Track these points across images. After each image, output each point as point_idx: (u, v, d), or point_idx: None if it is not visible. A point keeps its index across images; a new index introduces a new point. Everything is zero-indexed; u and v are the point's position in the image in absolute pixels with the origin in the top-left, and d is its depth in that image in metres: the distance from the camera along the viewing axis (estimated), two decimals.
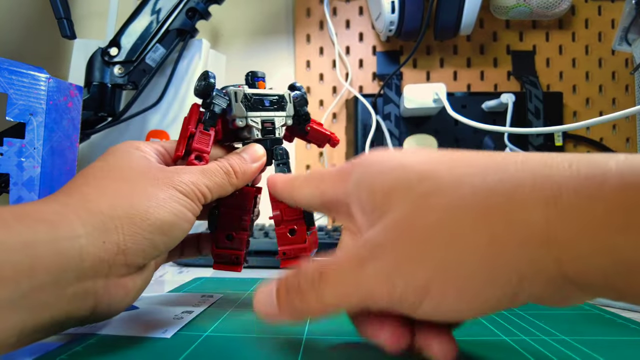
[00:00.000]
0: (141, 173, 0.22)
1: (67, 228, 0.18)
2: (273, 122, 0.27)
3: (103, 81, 0.51)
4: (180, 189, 0.22)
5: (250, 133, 0.27)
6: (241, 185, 0.26)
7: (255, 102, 0.27)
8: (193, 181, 0.22)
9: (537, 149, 0.62)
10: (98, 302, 0.19)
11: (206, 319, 0.26)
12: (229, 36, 0.73)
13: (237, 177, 0.25)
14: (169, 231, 0.21)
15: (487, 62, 0.69)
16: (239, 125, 0.26)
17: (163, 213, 0.21)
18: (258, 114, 0.27)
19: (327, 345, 0.22)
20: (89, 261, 0.18)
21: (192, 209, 0.22)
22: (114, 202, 0.20)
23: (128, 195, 0.20)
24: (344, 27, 0.71)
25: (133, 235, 0.19)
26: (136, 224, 0.20)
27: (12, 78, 0.30)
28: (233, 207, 0.27)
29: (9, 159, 0.30)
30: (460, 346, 0.21)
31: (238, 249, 0.27)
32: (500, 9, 0.62)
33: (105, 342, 0.22)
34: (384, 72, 0.69)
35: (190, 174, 0.23)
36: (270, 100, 0.27)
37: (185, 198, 0.22)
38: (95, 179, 0.21)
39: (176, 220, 0.21)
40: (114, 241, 0.19)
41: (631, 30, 0.53)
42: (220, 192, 0.24)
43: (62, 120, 0.33)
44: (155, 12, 0.53)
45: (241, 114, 0.26)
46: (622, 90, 0.68)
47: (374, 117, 0.62)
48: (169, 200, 0.21)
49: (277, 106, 0.28)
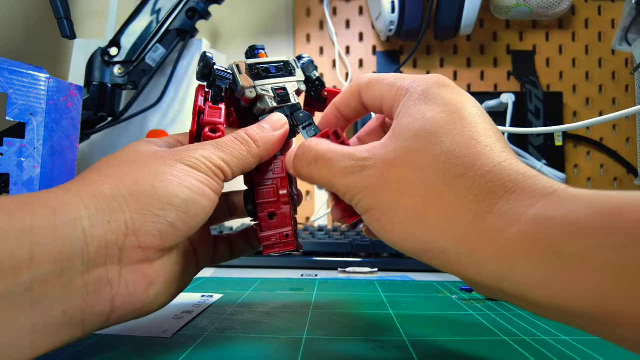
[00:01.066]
0: (148, 155, 0.20)
1: (68, 211, 0.16)
2: (285, 88, 0.26)
3: (103, 81, 0.51)
4: (189, 163, 0.20)
5: (264, 103, 0.25)
6: (265, 157, 0.23)
7: (260, 71, 0.25)
8: (204, 155, 0.21)
9: (537, 148, 0.62)
10: (116, 293, 0.17)
11: (206, 319, 0.26)
12: (229, 36, 0.73)
13: (258, 145, 0.23)
14: (183, 206, 0.19)
15: (487, 62, 0.69)
16: (250, 97, 0.25)
17: (172, 186, 0.19)
18: (267, 82, 0.25)
19: (327, 345, 0.22)
20: (95, 245, 0.16)
21: (209, 183, 0.20)
22: (117, 183, 0.18)
23: (132, 174, 0.19)
24: (344, 27, 0.71)
25: (141, 213, 0.18)
26: (142, 201, 0.18)
27: (12, 78, 0.30)
28: (266, 180, 0.24)
29: (9, 159, 0.30)
30: (460, 346, 0.21)
31: (285, 225, 0.24)
32: (500, 9, 0.62)
33: (105, 342, 0.22)
34: (384, 72, 0.69)
35: (202, 149, 0.21)
36: (275, 66, 0.26)
37: (197, 172, 0.20)
38: (99, 168, 0.20)
39: (190, 194, 0.19)
40: (121, 221, 0.17)
41: (631, 30, 0.53)
42: (242, 165, 0.22)
43: (62, 120, 0.33)
44: (155, 12, 0.53)
45: (249, 84, 0.25)
46: (622, 90, 0.68)
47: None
48: (178, 174, 0.19)
49: (284, 71, 0.26)
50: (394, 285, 0.36)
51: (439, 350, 0.21)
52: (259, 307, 0.28)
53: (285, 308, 0.28)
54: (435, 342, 0.22)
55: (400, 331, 0.23)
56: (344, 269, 0.44)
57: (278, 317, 0.26)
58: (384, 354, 0.20)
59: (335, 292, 0.34)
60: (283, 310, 0.28)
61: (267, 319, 0.26)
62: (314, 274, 0.42)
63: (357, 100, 0.24)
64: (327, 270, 0.45)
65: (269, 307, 0.28)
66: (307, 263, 0.46)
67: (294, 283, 0.38)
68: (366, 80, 0.23)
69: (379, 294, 0.33)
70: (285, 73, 0.26)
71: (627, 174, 0.66)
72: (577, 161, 0.67)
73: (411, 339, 0.22)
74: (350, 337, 0.23)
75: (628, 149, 0.67)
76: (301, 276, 0.41)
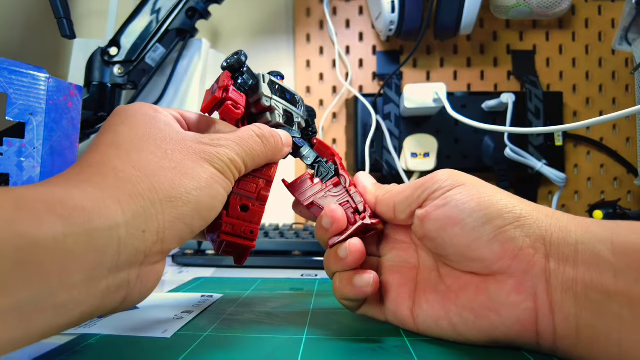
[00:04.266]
0: (176, 143, 0.20)
1: (105, 217, 0.16)
2: (292, 114, 0.28)
3: (103, 81, 0.51)
4: (218, 167, 0.21)
5: (273, 116, 0.26)
6: (271, 161, 0.25)
7: (279, 90, 0.27)
8: (231, 158, 0.21)
9: (537, 148, 0.62)
10: (130, 292, 0.18)
11: (206, 319, 0.26)
12: (229, 36, 0.73)
13: (282, 151, 0.25)
14: (207, 215, 0.20)
15: (487, 61, 0.69)
16: (265, 105, 0.26)
17: (204, 197, 0.19)
18: (281, 101, 0.27)
19: (327, 345, 0.22)
20: (126, 254, 0.17)
21: (227, 188, 0.21)
22: (155, 184, 0.18)
23: (168, 172, 0.19)
24: (344, 27, 0.71)
25: (173, 222, 0.18)
26: (177, 208, 0.18)
27: (12, 78, 0.30)
28: (255, 174, 0.25)
29: (9, 159, 0.30)
30: (460, 346, 0.21)
31: (253, 222, 0.24)
32: (500, 9, 0.62)
33: (105, 342, 0.22)
34: (384, 71, 0.69)
35: (228, 148, 0.21)
36: (290, 94, 0.28)
37: (223, 177, 0.21)
38: (128, 152, 0.19)
39: (214, 204, 0.20)
40: (154, 229, 0.18)
41: (631, 30, 0.53)
42: (254, 164, 0.23)
43: (62, 120, 0.33)
44: (155, 11, 0.53)
45: (268, 94, 0.26)
46: (622, 90, 0.68)
47: (374, 116, 0.62)
48: (210, 181, 0.20)
49: (294, 103, 0.28)
50: None
51: (439, 350, 0.21)
52: (259, 307, 0.28)
53: (285, 308, 0.28)
54: (435, 342, 0.22)
55: (400, 331, 0.23)
56: None
57: (278, 317, 0.26)
58: (384, 354, 0.20)
59: None
60: (283, 310, 0.28)
61: (267, 319, 0.26)
62: (314, 274, 0.42)
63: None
64: None
65: (269, 307, 0.28)
66: (307, 263, 0.46)
67: (294, 283, 0.38)
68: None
69: None
70: (295, 103, 0.28)
71: (627, 174, 0.66)
72: (577, 161, 0.67)
73: (411, 339, 0.22)
74: (350, 337, 0.23)
75: (628, 149, 0.67)
76: (301, 276, 0.41)
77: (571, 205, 0.67)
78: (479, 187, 0.21)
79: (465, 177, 0.22)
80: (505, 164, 0.60)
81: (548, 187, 0.66)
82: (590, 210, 0.53)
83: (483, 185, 0.21)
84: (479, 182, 0.22)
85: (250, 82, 0.25)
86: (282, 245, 0.48)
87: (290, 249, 0.48)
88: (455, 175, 0.22)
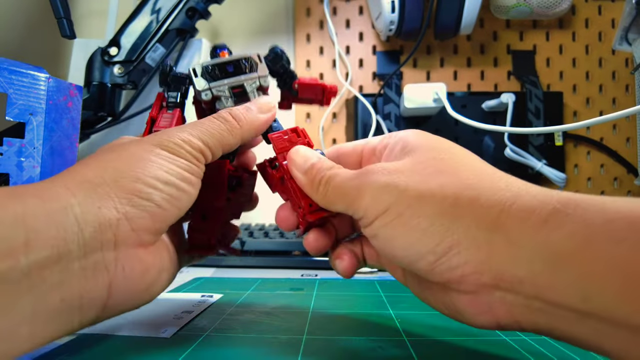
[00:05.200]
0: (127, 141, 0.21)
1: (57, 199, 0.17)
2: (242, 85, 0.25)
3: (103, 81, 0.51)
4: (168, 149, 0.20)
5: (220, 104, 0.24)
6: (247, 137, 0.23)
7: (217, 71, 0.24)
8: (183, 138, 0.20)
9: (537, 148, 0.62)
10: (112, 278, 0.17)
11: (206, 319, 0.26)
12: (228, 36, 0.73)
13: (241, 125, 0.23)
14: (166, 189, 0.19)
15: (487, 61, 0.69)
16: (206, 99, 0.24)
17: (152, 170, 0.19)
18: (223, 82, 0.24)
19: (327, 345, 0.22)
20: (89, 230, 0.17)
21: (189, 168, 0.20)
22: (100, 171, 0.18)
23: (112, 161, 0.19)
24: (344, 27, 0.71)
25: (128, 198, 0.18)
26: (126, 187, 0.18)
27: (12, 78, 0.30)
28: (207, 182, 0.23)
29: (9, 159, 0.30)
30: (460, 346, 0.21)
31: (210, 231, 0.24)
32: (500, 9, 0.62)
33: (105, 342, 0.22)
34: (384, 71, 0.69)
35: (180, 130, 0.21)
36: (234, 64, 0.25)
37: (176, 157, 0.20)
38: (82, 160, 0.20)
39: (170, 179, 0.19)
40: (111, 206, 0.17)
41: (631, 30, 0.53)
42: (222, 144, 0.22)
43: (62, 120, 0.33)
44: (155, 11, 0.53)
45: (203, 87, 0.24)
46: (622, 90, 0.68)
47: (374, 116, 0.62)
48: (158, 159, 0.19)
49: (244, 69, 0.25)
50: (394, 285, 0.36)
51: (439, 350, 0.21)
52: (259, 307, 0.28)
53: (285, 308, 0.28)
54: (435, 342, 0.22)
55: (400, 331, 0.23)
56: None
57: (278, 317, 0.26)
58: (384, 354, 0.20)
59: (335, 292, 0.34)
60: (283, 310, 0.28)
61: (267, 319, 0.26)
62: (314, 274, 0.42)
63: None
64: (327, 270, 0.45)
65: (269, 307, 0.28)
66: (307, 263, 0.46)
67: (294, 283, 0.38)
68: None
69: (379, 294, 0.33)
70: (245, 70, 0.25)
71: (627, 174, 0.66)
72: (577, 161, 0.67)
73: (411, 339, 0.22)
74: (350, 337, 0.23)
75: (628, 149, 0.67)
76: (301, 276, 0.41)
77: None
78: (407, 210, 0.18)
79: (390, 196, 0.18)
80: (505, 164, 0.60)
81: (548, 187, 0.66)
82: None
83: (413, 202, 0.18)
84: (409, 198, 0.18)
85: (181, 88, 0.25)
86: (282, 245, 0.48)
87: (290, 249, 0.48)
88: (379, 195, 0.19)
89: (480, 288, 0.17)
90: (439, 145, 0.21)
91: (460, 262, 0.17)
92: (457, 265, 0.17)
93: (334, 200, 0.21)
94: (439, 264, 0.17)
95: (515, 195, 0.17)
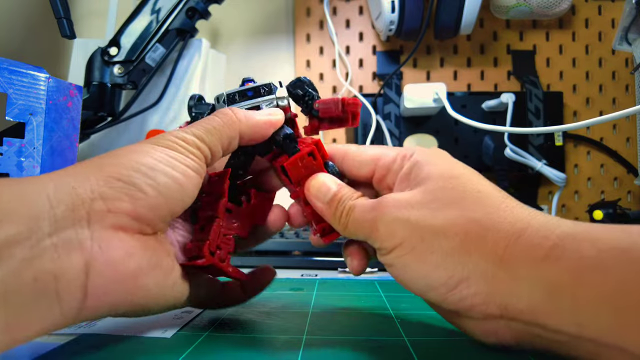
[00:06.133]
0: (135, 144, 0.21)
1: (34, 183, 0.17)
2: (258, 106, 0.25)
3: (103, 81, 0.51)
4: (162, 144, 0.20)
5: None
6: (247, 135, 0.23)
7: (237, 97, 0.25)
8: (177, 135, 0.21)
9: (537, 148, 0.62)
10: (88, 257, 0.17)
11: (206, 319, 0.26)
12: (228, 36, 0.73)
13: (239, 118, 0.23)
14: (150, 173, 0.19)
15: (487, 61, 0.69)
16: None
17: (136, 155, 0.19)
18: (242, 104, 0.25)
19: (327, 345, 0.22)
20: (62, 208, 0.16)
21: (183, 160, 0.20)
22: (87, 162, 0.19)
23: (104, 157, 0.20)
24: (344, 27, 0.71)
25: (105, 180, 0.18)
26: (105, 169, 0.18)
27: (12, 78, 0.30)
28: (208, 194, 0.24)
29: (9, 159, 0.30)
30: (460, 346, 0.21)
31: (204, 239, 0.23)
32: (500, 9, 0.62)
33: (105, 342, 0.22)
34: (384, 71, 0.69)
35: (176, 131, 0.21)
36: (253, 90, 0.25)
37: (169, 150, 0.20)
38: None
39: (155, 163, 0.19)
40: (87, 187, 0.18)
41: (631, 29, 0.53)
42: (221, 139, 0.22)
43: (62, 120, 0.33)
44: (155, 11, 0.53)
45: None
46: (622, 90, 0.68)
47: (374, 116, 0.62)
48: (146, 149, 0.20)
49: (262, 93, 0.25)
50: (394, 285, 0.36)
51: (439, 350, 0.21)
52: (259, 307, 0.28)
53: (285, 308, 0.28)
54: (435, 342, 0.22)
55: (400, 331, 0.23)
56: (344, 268, 0.44)
57: (278, 317, 0.26)
58: (384, 354, 0.20)
59: (335, 292, 0.34)
60: (283, 310, 0.28)
61: (267, 319, 0.26)
62: (314, 274, 0.42)
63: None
64: (327, 270, 0.45)
65: (269, 307, 0.28)
66: (307, 263, 0.46)
67: (294, 283, 0.38)
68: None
69: (379, 294, 0.33)
70: (259, 94, 0.25)
71: (627, 174, 0.66)
72: (577, 161, 0.67)
73: (411, 339, 0.22)
74: (350, 337, 0.23)
75: (628, 149, 0.67)
76: (301, 276, 0.41)
77: (571, 205, 0.67)
78: (420, 245, 0.19)
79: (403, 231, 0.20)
80: (505, 164, 0.60)
81: (548, 187, 0.66)
82: (590, 210, 0.53)
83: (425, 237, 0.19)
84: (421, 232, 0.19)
85: (201, 112, 0.26)
86: (282, 245, 0.48)
87: (290, 249, 0.48)
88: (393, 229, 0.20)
89: (487, 317, 0.18)
90: (448, 171, 0.21)
91: (470, 294, 0.18)
92: (467, 297, 0.18)
93: (354, 232, 0.22)
94: (450, 295, 0.19)
95: (519, 230, 0.18)
